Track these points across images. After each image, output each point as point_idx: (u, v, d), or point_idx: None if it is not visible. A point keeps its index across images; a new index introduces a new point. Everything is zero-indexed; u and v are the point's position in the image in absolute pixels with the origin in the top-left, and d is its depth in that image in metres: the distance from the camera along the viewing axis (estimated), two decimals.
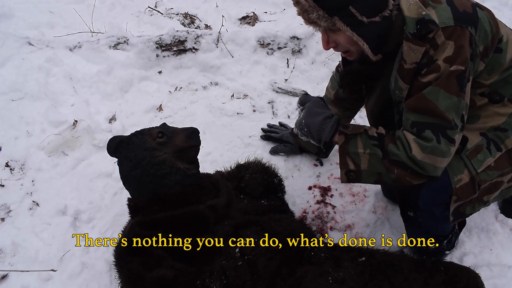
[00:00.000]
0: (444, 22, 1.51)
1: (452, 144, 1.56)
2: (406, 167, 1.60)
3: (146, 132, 1.92)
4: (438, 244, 2.01)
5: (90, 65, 3.31)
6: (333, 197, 2.49)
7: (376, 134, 1.66)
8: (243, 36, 3.41)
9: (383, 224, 2.35)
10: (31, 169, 2.60)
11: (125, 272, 1.65)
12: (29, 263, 2.15)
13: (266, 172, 2.14)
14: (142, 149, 1.84)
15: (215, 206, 1.77)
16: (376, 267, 1.71)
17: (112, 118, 2.96)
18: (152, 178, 1.80)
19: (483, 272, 2.00)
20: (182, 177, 1.83)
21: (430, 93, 1.53)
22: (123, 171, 1.89)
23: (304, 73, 3.32)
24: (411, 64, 1.58)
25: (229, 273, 1.55)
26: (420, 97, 1.55)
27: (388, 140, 1.63)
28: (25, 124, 2.83)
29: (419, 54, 1.55)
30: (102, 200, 2.46)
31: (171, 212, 1.73)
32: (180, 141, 1.90)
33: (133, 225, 1.75)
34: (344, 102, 2.34)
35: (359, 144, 1.66)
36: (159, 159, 1.82)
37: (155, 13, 4.10)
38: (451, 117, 1.53)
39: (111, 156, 1.96)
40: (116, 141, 1.93)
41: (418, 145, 1.55)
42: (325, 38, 1.68)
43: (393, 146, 1.61)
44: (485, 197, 1.78)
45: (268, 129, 2.84)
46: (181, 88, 3.25)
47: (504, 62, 1.66)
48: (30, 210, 2.40)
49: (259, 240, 1.65)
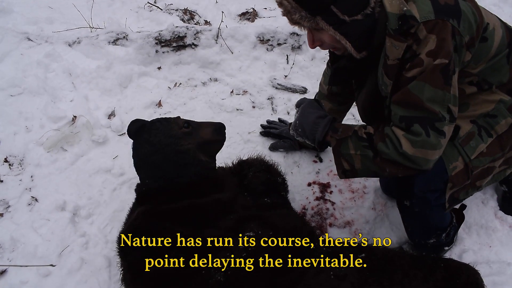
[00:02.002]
0: (425, 17, 1.52)
1: (441, 136, 1.56)
2: (397, 164, 1.61)
3: (172, 120, 1.94)
4: (437, 238, 2.02)
5: (89, 60, 3.30)
6: (333, 194, 2.49)
7: (365, 135, 1.67)
8: (243, 32, 3.40)
9: (382, 220, 2.35)
10: (30, 164, 2.59)
11: (128, 261, 1.65)
12: (28, 258, 2.14)
13: (269, 171, 2.13)
14: (167, 135, 1.85)
15: (220, 199, 1.78)
16: (376, 264, 1.71)
17: (111, 114, 2.95)
18: (173, 166, 1.82)
19: (483, 269, 2.00)
20: (202, 170, 1.86)
21: (415, 87, 1.54)
22: (142, 154, 1.88)
23: (303, 69, 3.31)
24: (394, 60, 1.59)
25: (231, 267, 1.55)
26: (406, 91, 1.56)
27: (378, 139, 1.64)
28: (24, 119, 2.82)
29: (401, 50, 1.56)
30: (101, 195, 2.45)
31: (177, 204, 1.73)
32: (206, 134, 1.94)
33: (138, 214, 1.74)
34: (337, 96, 2.35)
35: (350, 146, 1.69)
36: (184, 148, 1.84)
37: (154, 9, 4.09)
38: (437, 110, 1.54)
39: (131, 137, 1.95)
40: (138, 124, 1.93)
41: (408, 140, 1.56)
42: (310, 37, 1.70)
43: (382, 145, 1.61)
44: (478, 182, 1.80)
45: (267, 125, 2.84)
46: (180, 84, 3.24)
47: (490, 51, 1.67)
48: (29, 206, 2.39)
49: (261, 235, 1.65)
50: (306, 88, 3.16)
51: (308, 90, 3.16)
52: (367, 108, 1.97)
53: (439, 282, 1.64)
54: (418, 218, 1.91)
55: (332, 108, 2.38)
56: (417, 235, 2.04)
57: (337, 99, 2.35)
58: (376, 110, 1.87)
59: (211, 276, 1.54)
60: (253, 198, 1.96)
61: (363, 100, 1.97)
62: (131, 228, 1.71)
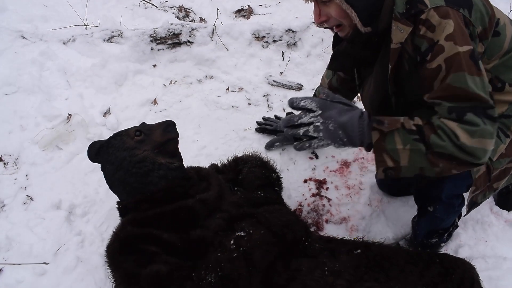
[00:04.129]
0: (435, 3, 1.48)
1: (495, 123, 1.45)
2: (452, 158, 1.46)
3: (124, 133, 1.92)
4: (439, 237, 2.03)
5: (84, 58, 3.29)
6: (329, 190, 2.49)
7: (414, 127, 1.49)
8: (238, 29, 3.40)
9: (378, 216, 2.35)
10: (25, 163, 2.58)
11: (120, 272, 1.64)
12: (24, 257, 2.13)
13: (265, 167, 2.13)
14: (121, 150, 1.84)
15: (205, 199, 1.76)
16: (372, 260, 1.71)
17: (106, 112, 2.94)
18: (136, 177, 1.80)
19: (478, 263, 2.02)
20: (166, 172, 1.83)
21: (455, 80, 1.44)
22: (108, 175, 1.89)
23: (299, 66, 3.31)
24: (396, 43, 1.56)
25: (224, 265, 1.54)
26: (447, 87, 1.46)
27: (428, 131, 1.47)
28: (18, 118, 2.81)
29: (405, 34, 1.52)
30: (97, 194, 2.45)
31: (161, 209, 1.72)
32: (157, 136, 1.89)
33: (124, 223, 1.74)
34: (337, 92, 2.32)
35: (397, 140, 1.49)
36: (139, 157, 1.82)
37: (149, 6, 4.08)
38: (486, 97, 1.44)
39: (93, 162, 1.96)
40: (96, 146, 1.94)
41: (465, 131, 1.42)
42: (317, 11, 1.66)
43: (435, 137, 1.45)
44: (495, 184, 1.78)
45: (263, 122, 2.84)
46: (176, 81, 3.23)
47: (503, 46, 1.64)
48: (24, 205, 2.38)
49: (254, 232, 1.64)
50: (301, 84, 3.16)
51: (304, 87, 3.15)
52: (375, 102, 1.88)
53: (435, 277, 1.65)
54: (435, 221, 1.90)
55: None
56: (423, 235, 2.05)
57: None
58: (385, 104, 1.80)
59: (202, 278, 1.53)
60: (244, 192, 1.96)
61: (371, 93, 1.88)
62: (118, 240, 1.70)
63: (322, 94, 1.61)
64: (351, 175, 2.56)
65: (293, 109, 1.60)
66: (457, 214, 1.85)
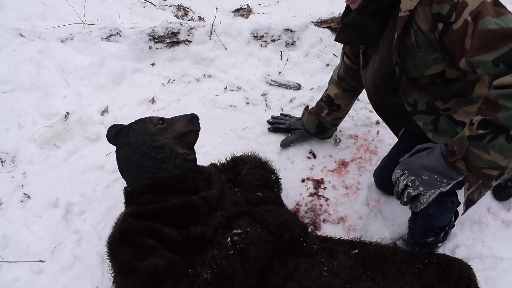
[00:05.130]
0: None
1: None
2: None
3: (147, 119, 1.97)
4: (435, 237, 2.03)
5: (82, 57, 3.28)
6: (326, 190, 2.49)
7: (480, 129, 1.39)
8: (237, 28, 3.40)
9: (376, 216, 2.35)
10: (23, 161, 2.57)
11: (118, 262, 1.65)
12: (21, 255, 2.13)
13: (263, 168, 2.14)
14: (143, 134, 1.89)
15: (207, 197, 1.77)
16: (369, 260, 1.71)
17: (104, 111, 2.94)
18: (152, 162, 1.83)
19: (475, 264, 2.01)
20: (181, 161, 1.88)
21: (486, 23, 1.35)
22: (122, 157, 1.90)
23: (297, 65, 3.31)
24: (405, 11, 1.53)
25: (220, 262, 1.54)
26: (480, 34, 1.36)
27: (492, 113, 1.35)
28: (16, 116, 2.80)
29: (415, 2, 1.49)
30: (94, 192, 2.44)
31: (164, 203, 1.72)
32: (180, 126, 1.97)
33: (125, 216, 1.74)
34: (343, 82, 2.37)
35: (479, 153, 1.41)
36: (159, 143, 1.87)
37: (148, 5, 4.08)
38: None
39: (111, 142, 1.98)
40: (117, 128, 1.97)
41: None
42: None
43: (502, 113, 1.33)
44: None
45: (273, 121, 2.84)
46: (174, 80, 3.23)
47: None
48: (21, 203, 2.38)
49: (251, 230, 1.64)
50: (300, 84, 3.16)
51: (302, 86, 3.15)
52: (378, 78, 1.85)
53: (432, 277, 1.65)
54: (429, 219, 1.91)
55: (337, 93, 2.43)
56: (418, 234, 2.05)
57: (343, 85, 2.37)
58: (388, 81, 1.77)
59: (197, 275, 1.53)
60: (243, 193, 1.96)
61: (375, 69, 1.85)
62: (119, 231, 1.71)
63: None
64: (349, 174, 2.56)
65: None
66: (451, 211, 1.85)
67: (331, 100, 2.47)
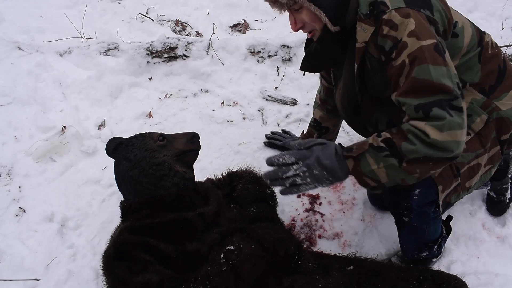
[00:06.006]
0: (396, 4, 1.55)
1: (462, 113, 1.48)
2: (427, 159, 1.48)
3: (147, 135, 1.97)
4: (429, 251, 2.03)
5: (80, 70, 3.30)
6: (322, 205, 2.49)
7: (382, 143, 1.53)
8: (234, 44, 3.43)
9: (371, 232, 2.36)
10: (18, 175, 2.57)
11: (112, 277, 1.64)
12: (15, 270, 2.12)
13: (258, 183, 2.14)
14: (142, 149, 1.88)
15: (204, 214, 1.77)
16: (364, 276, 1.71)
17: (101, 125, 2.95)
18: (150, 178, 1.82)
19: (470, 280, 2.01)
20: (180, 180, 1.87)
21: (419, 72, 1.48)
22: (121, 171, 1.90)
23: (294, 81, 3.34)
24: (361, 43, 1.62)
25: (213, 279, 1.54)
26: (412, 80, 1.49)
27: (399, 140, 1.49)
28: (13, 129, 2.81)
29: (369, 34, 1.59)
30: (90, 207, 2.44)
31: (160, 218, 1.72)
32: (180, 144, 1.96)
33: (122, 230, 1.74)
34: (326, 104, 2.40)
35: (370, 161, 1.54)
36: (158, 160, 1.86)
37: (146, 20, 4.11)
38: (450, 86, 1.47)
39: (110, 156, 1.98)
40: (116, 141, 1.97)
41: (433, 128, 1.44)
42: (292, 19, 1.74)
43: (406, 144, 1.47)
44: (467, 183, 1.79)
45: (271, 136, 2.86)
46: (171, 95, 3.24)
47: (462, 46, 1.71)
48: (16, 217, 2.37)
49: (244, 246, 1.64)
50: (296, 100, 3.18)
51: (298, 102, 3.17)
52: (344, 100, 1.93)
53: None
54: (416, 232, 1.91)
55: (322, 116, 2.45)
56: (412, 250, 2.05)
57: (326, 106, 2.40)
58: (354, 102, 1.85)
59: None
60: (239, 209, 1.96)
61: (341, 93, 1.95)
62: (114, 245, 1.70)
63: (294, 145, 1.67)
64: (345, 190, 2.56)
65: (272, 166, 1.64)
66: (437, 221, 1.86)
67: (318, 124, 2.49)
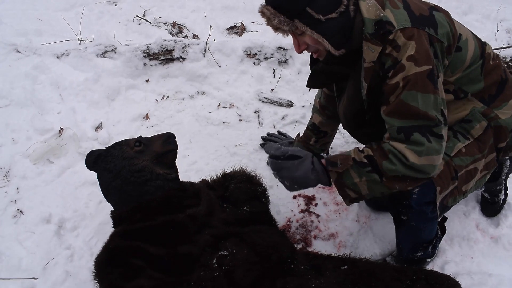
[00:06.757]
0: (402, 24, 1.59)
1: (441, 139, 1.60)
2: (405, 178, 1.64)
3: (123, 143, 1.97)
4: (424, 251, 2.05)
5: (77, 73, 3.31)
6: (317, 206, 2.51)
7: (365, 159, 1.67)
8: (230, 46, 3.44)
9: (366, 233, 2.37)
10: (16, 176, 2.58)
11: (105, 283, 1.65)
12: (13, 271, 2.13)
13: (250, 182, 2.15)
14: (120, 158, 1.88)
15: (194, 215, 1.78)
16: (358, 276, 1.72)
17: (98, 126, 2.96)
18: (134, 186, 1.83)
19: (464, 280, 2.04)
20: (163, 182, 1.87)
21: (408, 97, 1.58)
22: (104, 183, 1.91)
23: (290, 83, 3.35)
24: (369, 63, 1.65)
25: (206, 284, 1.55)
26: (400, 102, 1.60)
27: (379, 158, 1.64)
28: (10, 131, 2.82)
29: (376, 53, 1.62)
30: (87, 208, 2.45)
31: (151, 222, 1.73)
32: (157, 147, 1.96)
33: (113, 236, 1.75)
34: (326, 109, 2.41)
35: (353, 175, 1.69)
36: (138, 166, 1.86)
37: (143, 22, 4.13)
38: (434, 115, 1.58)
39: (90, 169, 1.99)
40: (95, 154, 1.96)
41: (412, 152, 1.58)
42: (296, 42, 1.76)
43: (387, 163, 1.62)
44: (464, 187, 1.82)
45: (267, 137, 2.88)
46: (168, 97, 3.26)
47: (465, 60, 1.74)
48: (14, 218, 2.38)
49: (237, 252, 1.65)
50: (292, 102, 3.20)
51: (294, 104, 3.19)
52: (348, 114, 1.99)
53: None
54: (413, 232, 1.93)
55: (321, 121, 2.46)
56: (407, 250, 2.07)
57: (326, 112, 2.41)
58: (358, 116, 1.90)
59: None
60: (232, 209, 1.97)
61: (345, 106, 1.99)
62: (106, 251, 1.71)
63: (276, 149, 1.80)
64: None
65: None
66: (433, 222, 1.88)
67: (317, 128, 2.51)
